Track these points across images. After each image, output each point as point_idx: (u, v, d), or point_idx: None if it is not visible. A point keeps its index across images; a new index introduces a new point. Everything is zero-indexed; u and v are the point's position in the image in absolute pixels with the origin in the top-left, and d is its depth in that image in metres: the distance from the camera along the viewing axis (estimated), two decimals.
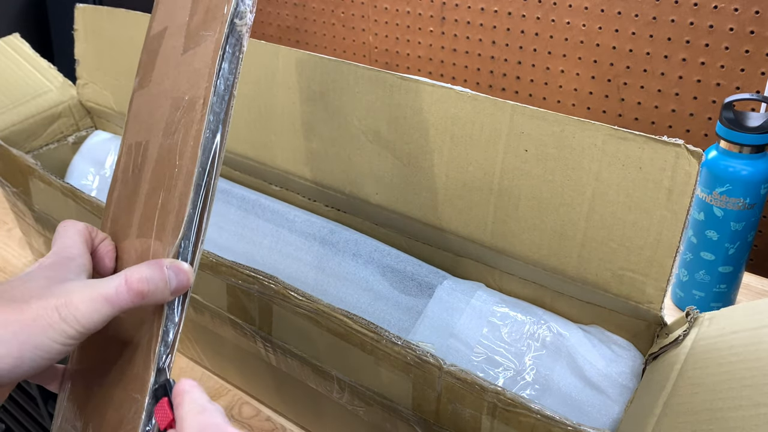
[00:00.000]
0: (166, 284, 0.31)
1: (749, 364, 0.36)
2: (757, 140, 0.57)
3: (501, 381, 0.46)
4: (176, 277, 0.32)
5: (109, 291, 0.30)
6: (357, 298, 0.56)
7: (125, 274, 0.31)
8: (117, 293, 0.30)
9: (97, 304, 0.30)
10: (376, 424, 0.48)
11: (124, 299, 0.30)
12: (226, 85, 0.35)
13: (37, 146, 0.80)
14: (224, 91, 0.35)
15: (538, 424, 0.36)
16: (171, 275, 0.32)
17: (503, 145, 0.47)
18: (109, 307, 0.30)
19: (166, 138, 0.37)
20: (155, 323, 0.32)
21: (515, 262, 0.51)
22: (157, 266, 0.31)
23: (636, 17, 0.86)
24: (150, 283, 0.31)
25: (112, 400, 0.33)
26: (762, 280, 0.72)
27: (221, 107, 0.35)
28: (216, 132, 0.34)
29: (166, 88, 0.39)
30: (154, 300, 0.31)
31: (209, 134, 0.34)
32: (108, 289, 0.30)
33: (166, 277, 0.31)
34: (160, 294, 0.31)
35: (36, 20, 1.34)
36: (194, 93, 0.36)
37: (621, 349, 0.47)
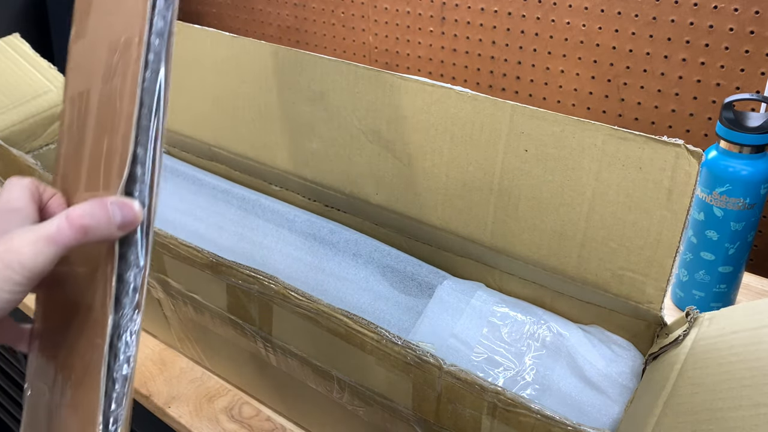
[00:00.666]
0: (109, 219, 0.30)
1: (749, 364, 0.36)
2: (757, 140, 0.57)
3: (501, 381, 0.46)
4: (121, 212, 0.31)
5: (51, 230, 0.29)
6: (357, 298, 0.56)
7: (66, 212, 0.30)
8: (59, 231, 0.29)
9: (39, 245, 0.29)
10: (376, 424, 0.48)
11: (67, 236, 0.29)
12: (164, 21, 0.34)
13: (37, 146, 0.80)
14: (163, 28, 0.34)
15: (538, 424, 0.36)
16: (115, 210, 0.31)
17: (503, 145, 0.47)
18: (53, 246, 0.29)
19: (105, 83, 0.36)
20: (108, 266, 0.32)
21: (515, 262, 0.51)
22: (100, 202, 0.31)
23: (636, 17, 0.86)
24: (92, 218, 0.30)
25: (77, 349, 0.33)
26: (762, 280, 0.72)
27: (161, 45, 0.34)
28: (158, 71, 0.33)
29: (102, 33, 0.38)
30: (99, 235, 0.30)
31: (150, 74, 0.33)
32: (49, 228, 0.29)
33: (109, 212, 0.30)
34: (105, 228, 0.30)
35: (36, 20, 1.34)
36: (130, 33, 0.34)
37: (621, 349, 0.47)
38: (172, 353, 0.66)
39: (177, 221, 0.65)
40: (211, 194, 0.68)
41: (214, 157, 0.70)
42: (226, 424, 0.58)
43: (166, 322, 0.63)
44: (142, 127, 0.32)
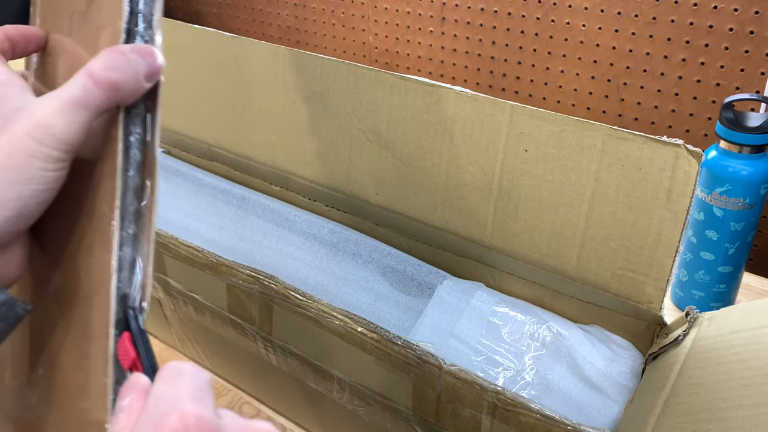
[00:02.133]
0: (135, 69, 0.26)
1: (749, 364, 0.36)
2: (756, 140, 0.57)
3: (501, 381, 0.47)
4: (144, 60, 0.27)
5: (77, 93, 0.26)
6: (357, 298, 0.56)
7: (86, 70, 0.26)
8: (86, 92, 0.26)
9: (69, 113, 0.25)
10: (376, 424, 0.48)
11: (97, 96, 0.26)
12: None
13: None
14: None
15: (538, 423, 0.36)
16: (137, 59, 0.27)
17: (503, 145, 0.47)
18: (85, 111, 0.26)
19: None
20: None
21: (515, 262, 0.51)
22: (117, 51, 0.26)
23: (636, 17, 0.86)
24: (117, 70, 0.26)
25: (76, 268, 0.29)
26: (762, 280, 0.72)
27: None
28: None
29: None
30: (129, 91, 0.27)
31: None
32: (74, 92, 0.26)
33: (132, 61, 0.26)
34: (134, 82, 0.27)
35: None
36: None
37: (621, 349, 0.47)
38: (172, 353, 0.66)
39: (177, 221, 0.65)
40: (211, 194, 0.68)
41: (214, 157, 0.70)
42: None
43: (167, 322, 0.63)
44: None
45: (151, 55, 0.28)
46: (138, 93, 0.27)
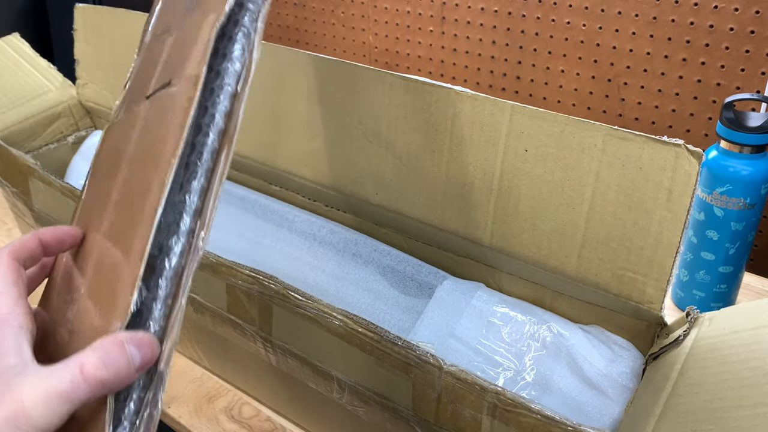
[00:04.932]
0: (129, 364, 0.27)
1: (749, 364, 0.36)
2: (757, 140, 0.57)
3: (501, 381, 0.46)
4: (140, 353, 0.28)
5: (64, 387, 0.26)
6: (357, 298, 0.56)
7: (80, 362, 0.27)
8: (73, 388, 0.26)
9: (53, 404, 0.26)
10: (376, 424, 0.48)
11: (83, 392, 0.26)
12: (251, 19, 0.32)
13: (37, 146, 0.80)
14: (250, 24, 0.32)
15: (539, 424, 0.36)
16: (133, 352, 0.27)
17: (503, 145, 0.47)
18: (68, 404, 0.26)
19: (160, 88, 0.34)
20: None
21: (515, 262, 0.51)
22: (116, 345, 0.27)
23: (636, 17, 0.86)
24: (110, 369, 0.27)
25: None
26: (762, 280, 0.72)
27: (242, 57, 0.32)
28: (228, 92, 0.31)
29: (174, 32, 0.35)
30: (118, 386, 0.27)
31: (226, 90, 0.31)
32: (62, 384, 0.26)
33: (128, 356, 0.27)
34: (124, 377, 0.27)
35: (36, 20, 1.34)
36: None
37: (621, 350, 0.47)
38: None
39: None
40: None
41: None
42: (226, 425, 0.58)
43: None
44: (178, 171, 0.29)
45: (149, 347, 0.28)
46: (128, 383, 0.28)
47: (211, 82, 0.32)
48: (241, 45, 0.32)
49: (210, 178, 0.31)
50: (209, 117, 0.31)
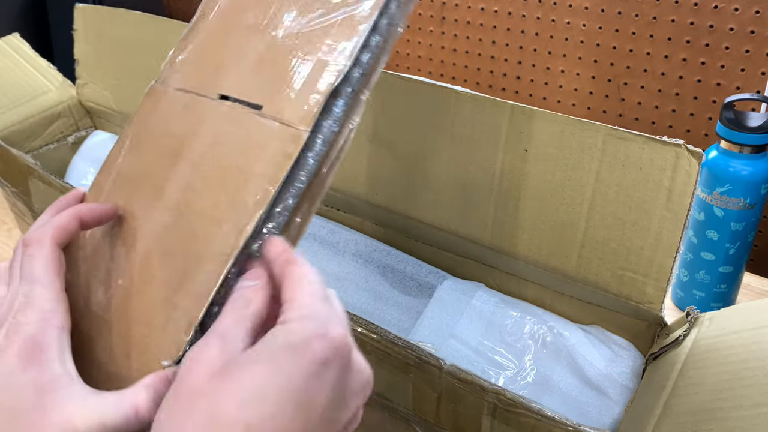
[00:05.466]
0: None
1: (749, 364, 0.36)
2: (757, 140, 0.57)
3: (501, 381, 0.46)
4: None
5: (119, 422, 0.26)
6: (357, 298, 0.56)
7: (135, 403, 0.27)
8: (127, 424, 0.27)
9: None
10: (376, 424, 0.48)
11: (134, 428, 0.27)
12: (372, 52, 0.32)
13: (37, 146, 0.80)
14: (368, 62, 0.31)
15: (539, 424, 0.36)
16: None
17: (503, 145, 0.47)
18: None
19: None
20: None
21: (515, 262, 0.51)
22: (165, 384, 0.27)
23: (636, 17, 0.86)
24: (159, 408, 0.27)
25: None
26: (762, 280, 0.71)
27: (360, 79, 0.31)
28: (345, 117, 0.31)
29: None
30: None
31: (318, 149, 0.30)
32: (117, 420, 0.26)
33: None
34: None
35: (36, 20, 1.34)
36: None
37: (621, 350, 0.47)
38: None
39: None
40: None
41: None
42: None
43: None
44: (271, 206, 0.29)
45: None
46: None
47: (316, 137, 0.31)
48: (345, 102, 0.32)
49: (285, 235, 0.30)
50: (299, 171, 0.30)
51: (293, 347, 0.25)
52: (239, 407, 0.24)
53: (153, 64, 0.70)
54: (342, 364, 0.26)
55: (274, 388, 0.24)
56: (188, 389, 0.25)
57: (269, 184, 0.29)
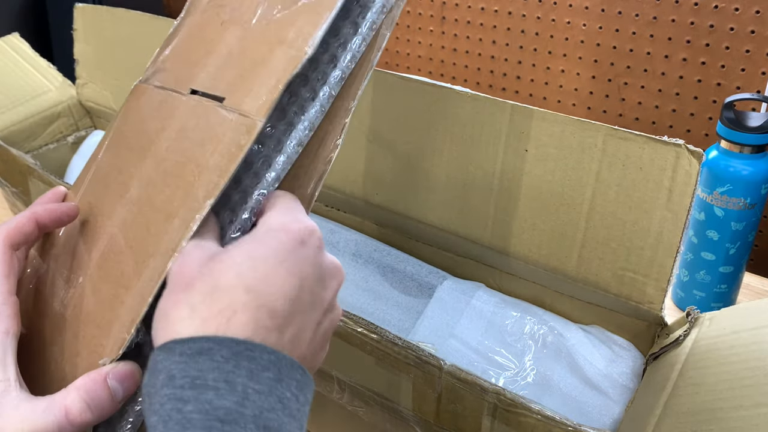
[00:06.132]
0: (112, 401, 0.28)
1: (750, 364, 0.36)
2: (757, 140, 0.57)
3: (501, 381, 0.46)
4: (122, 387, 0.28)
5: (49, 428, 0.26)
6: (357, 298, 0.56)
7: (65, 407, 0.27)
8: (59, 429, 0.27)
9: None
10: (376, 424, 0.48)
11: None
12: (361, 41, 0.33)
13: (37, 146, 0.80)
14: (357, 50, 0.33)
15: (539, 424, 0.36)
16: (117, 388, 0.28)
17: (503, 145, 0.47)
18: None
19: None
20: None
21: (515, 262, 0.51)
22: (99, 383, 0.27)
23: (636, 17, 0.86)
24: (94, 410, 0.27)
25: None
26: (762, 280, 0.71)
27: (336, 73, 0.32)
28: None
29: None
30: (102, 419, 0.28)
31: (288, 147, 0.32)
32: (47, 426, 0.26)
33: (111, 394, 0.28)
34: (108, 413, 0.28)
35: (36, 20, 1.34)
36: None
37: (621, 350, 0.47)
38: None
39: None
40: None
41: None
42: None
43: None
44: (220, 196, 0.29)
45: (131, 379, 0.29)
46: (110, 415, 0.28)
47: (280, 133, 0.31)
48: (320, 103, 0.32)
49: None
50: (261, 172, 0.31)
51: (273, 229, 0.28)
52: (236, 275, 0.26)
53: None
54: (316, 245, 0.28)
55: (264, 256, 0.27)
56: (182, 278, 0.26)
57: (219, 177, 0.29)
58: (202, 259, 0.27)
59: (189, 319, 0.25)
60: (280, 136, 0.32)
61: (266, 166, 0.31)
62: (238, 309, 0.25)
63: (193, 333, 0.24)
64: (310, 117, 0.32)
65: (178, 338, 0.24)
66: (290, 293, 0.26)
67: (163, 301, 0.27)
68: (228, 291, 0.25)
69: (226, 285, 0.26)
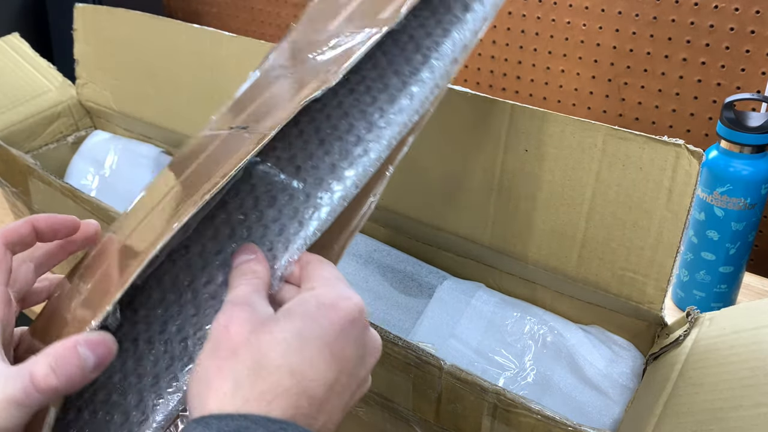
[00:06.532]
0: (82, 368, 0.27)
1: (750, 364, 0.36)
2: (757, 140, 0.57)
3: (501, 381, 0.46)
4: (94, 354, 0.28)
5: (18, 394, 0.26)
6: None
7: (30, 370, 0.27)
8: (26, 396, 0.26)
9: (9, 410, 0.26)
10: (376, 424, 0.48)
11: (37, 399, 0.27)
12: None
13: (37, 146, 0.80)
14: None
15: (539, 424, 0.36)
16: (87, 355, 0.27)
17: (503, 145, 0.47)
18: (23, 410, 0.27)
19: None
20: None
21: (515, 262, 0.50)
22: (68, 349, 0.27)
23: (636, 17, 0.86)
24: (60, 375, 0.27)
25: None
26: (762, 280, 0.71)
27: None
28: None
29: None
30: (73, 388, 0.27)
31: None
32: (16, 392, 0.26)
33: (80, 360, 0.27)
34: (78, 381, 0.27)
35: (36, 20, 1.34)
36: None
37: (621, 350, 0.47)
38: None
39: None
40: None
41: None
42: None
43: None
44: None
45: (104, 346, 0.28)
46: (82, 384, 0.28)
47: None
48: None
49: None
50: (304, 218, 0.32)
51: (325, 306, 0.28)
52: (283, 354, 0.26)
53: (153, 64, 0.69)
54: (363, 324, 0.29)
55: (312, 337, 0.27)
56: (229, 343, 0.27)
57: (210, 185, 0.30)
58: (251, 323, 0.27)
59: (231, 396, 0.25)
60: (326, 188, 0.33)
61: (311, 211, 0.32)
62: (280, 393, 0.26)
63: (233, 411, 0.25)
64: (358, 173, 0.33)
65: (217, 413, 0.25)
66: (331, 379, 0.27)
67: (205, 361, 0.27)
68: (273, 372, 0.26)
69: (273, 364, 0.26)
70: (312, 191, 0.32)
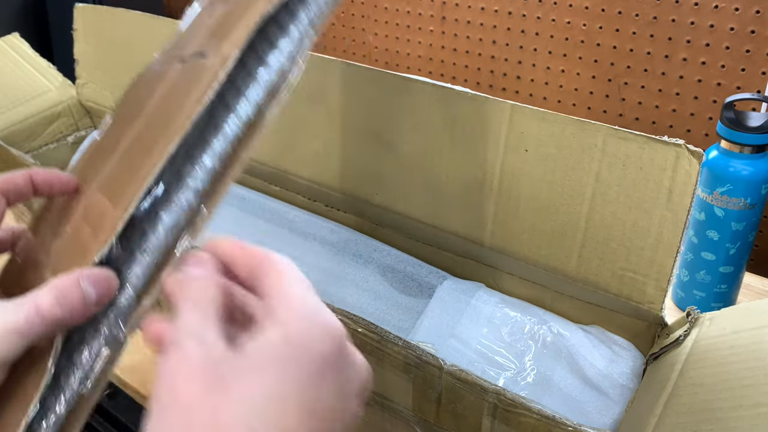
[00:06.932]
0: (84, 301, 0.28)
1: (750, 364, 0.36)
2: (757, 140, 0.57)
3: (501, 381, 0.46)
4: (96, 290, 0.28)
5: (20, 323, 0.27)
6: (357, 298, 0.56)
7: (35, 301, 0.27)
8: (29, 325, 0.27)
9: (9, 338, 0.27)
10: (376, 424, 0.48)
11: (39, 329, 0.27)
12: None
13: (37, 146, 0.80)
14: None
15: (539, 424, 0.36)
16: (88, 289, 0.28)
17: (503, 145, 0.47)
18: (24, 340, 0.27)
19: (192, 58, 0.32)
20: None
21: (515, 262, 0.50)
22: (72, 282, 0.28)
23: (636, 17, 0.86)
24: (64, 307, 0.27)
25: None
26: (762, 280, 0.71)
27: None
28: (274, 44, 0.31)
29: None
30: (74, 321, 0.28)
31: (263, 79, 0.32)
32: (18, 321, 0.27)
33: (82, 294, 0.27)
34: (80, 314, 0.28)
35: (36, 20, 1.34)
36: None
37: (621, 350, 0.47)
38: None
39: None
40: None
41: None
42: None
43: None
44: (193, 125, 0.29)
45: (105, 282, 0.28)
46: (84, 319, 0.28)
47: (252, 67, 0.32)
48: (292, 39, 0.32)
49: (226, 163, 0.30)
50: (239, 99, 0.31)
51: (292, 348, 0.24)
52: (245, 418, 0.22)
53: None
54: (343, 356, 0.25)
55: (279, 397, 0.23)
56: (180, 404, 0.23)
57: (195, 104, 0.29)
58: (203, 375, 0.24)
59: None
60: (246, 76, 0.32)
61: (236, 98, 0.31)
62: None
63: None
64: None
65: None
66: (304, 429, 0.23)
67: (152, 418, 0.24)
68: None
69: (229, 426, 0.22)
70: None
